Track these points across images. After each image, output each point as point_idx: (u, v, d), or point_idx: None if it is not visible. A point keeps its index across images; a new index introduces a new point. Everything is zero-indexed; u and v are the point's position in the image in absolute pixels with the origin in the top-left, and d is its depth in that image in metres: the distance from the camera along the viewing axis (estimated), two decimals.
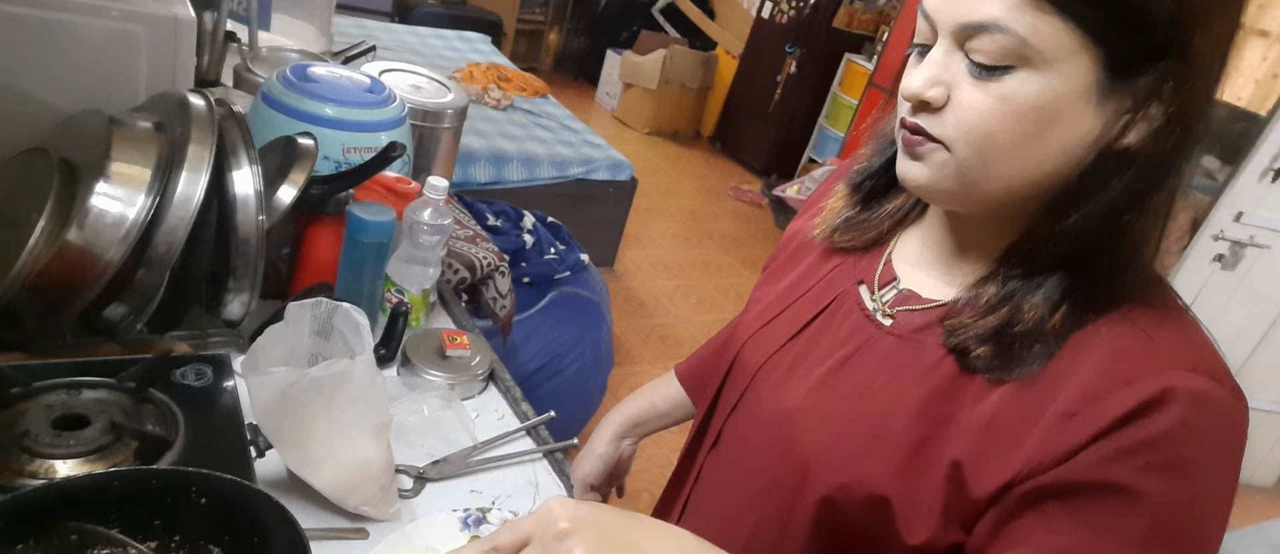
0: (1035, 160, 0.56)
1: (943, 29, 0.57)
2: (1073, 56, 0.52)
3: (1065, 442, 0.54)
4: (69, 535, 0.67)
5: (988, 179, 0.58)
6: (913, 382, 0.63)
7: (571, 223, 2.69)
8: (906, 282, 0.70)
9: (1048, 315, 0.58)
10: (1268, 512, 3.13)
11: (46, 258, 0.82)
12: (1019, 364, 0.58)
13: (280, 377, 0.77)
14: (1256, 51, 3.51)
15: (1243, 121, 3.49)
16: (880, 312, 0.69)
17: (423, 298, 1.18)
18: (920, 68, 0.58)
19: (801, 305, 0.76)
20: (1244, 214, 2.73)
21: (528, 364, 2.16)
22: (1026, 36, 0.52)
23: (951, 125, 0.57)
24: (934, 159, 0.59)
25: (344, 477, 0.83)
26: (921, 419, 0.61)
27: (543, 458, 1.05)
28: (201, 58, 1.44)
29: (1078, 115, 0.54)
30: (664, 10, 6.04)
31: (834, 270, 0.76)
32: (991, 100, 0.55)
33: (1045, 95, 0.53)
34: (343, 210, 1.10)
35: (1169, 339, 0.56)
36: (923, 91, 0.57)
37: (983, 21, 0.53)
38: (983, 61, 0.54)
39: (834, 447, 0.65)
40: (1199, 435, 0.53)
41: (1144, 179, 0.55)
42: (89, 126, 0.93)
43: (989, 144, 0.56)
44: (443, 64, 3.94)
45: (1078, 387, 0.55)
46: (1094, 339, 0.57)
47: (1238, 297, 2.87)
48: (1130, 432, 0.52)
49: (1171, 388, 0.52)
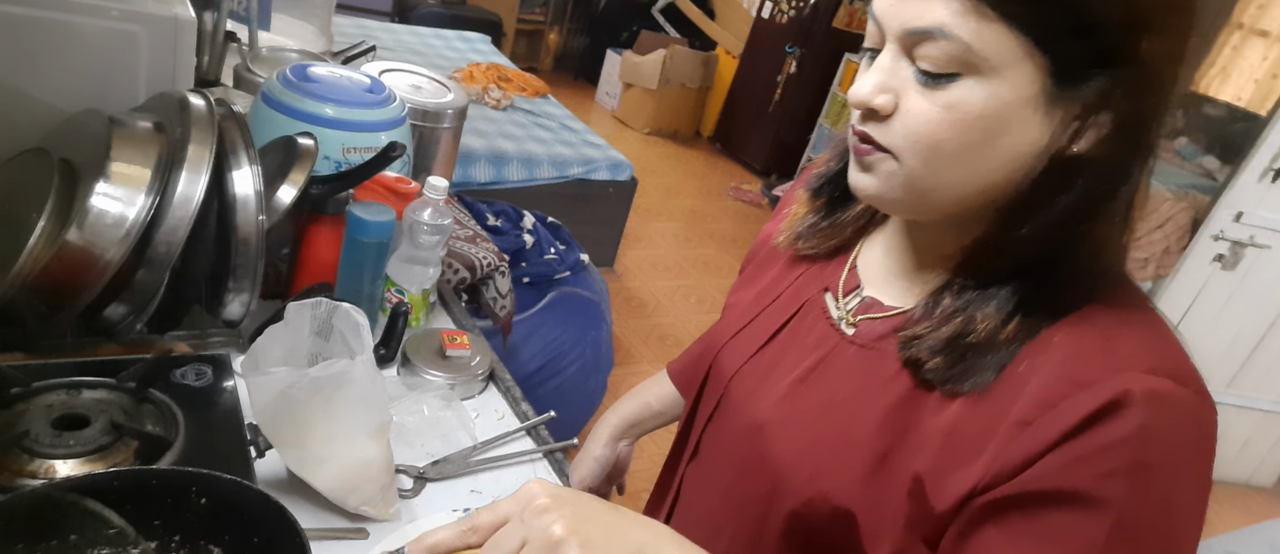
0: (983, 169, 0.56)
1: (889, 34, 0.56)
2: (1018, 64, 0.52)
3: (1023, 450, 0.53)
4: (69, 535, 0.67)
5: (936, 188, 0.57)
6: (876, 392, 0.62)
7: (571, 223, 2.69)
8: (870, 289, 0.69)
9: (1000, 326, 0.57)
10: (1268, 512, 3.13)
11: (46, 258, 0.82)
12: (970, 375, 0.57)
13: (280, 377, 0.77)
14: (1256, 51, 3.51)
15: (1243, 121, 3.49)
16: (844, 320, 0.68)
17: (423, 298, 1.18)
18: (868, 74, 0.58)
19: (771, 313, 0.75)
20: (1244, 214, 2.73)
21: (528, 364, 2.16)
22: (971, 43, 0.51)
23: (899, 134, 0.56)
24: (882, 169, 0.58)
25: (344, 477, 0.83)
26: (884, 430, 0.60)
27: (543, 458, 1.05)
28: (201, 58, 1.44)
29: (1025, 123, 0.54)
30: (664, 10, 6.04)
31: (800, 277, 0.75)
32: (938, 109, 0.54)
33: (991, 103, 0.53)
34: (343, 210, 1.10)
35: (1128, 340, 0.55)
36: (870, 99, 0.57)
37: (928, 27, 0.53)
38: (929, 69, 0.54)
39: (802, 459, 0.65)
40: (1160, 438, 0.51)
41: (1096, 187, 0.55)
42: (89, 126, 0.93)
43: (936, 153, 0.55)
44: (443, 64, 3.94)
45: (1034, 393, 0.54)
46: (1051, 343, 0.56)
47: (1238, 297, 2.87)
48: (1088, 438, 0.51)
49: (1129, 390, 0.51)
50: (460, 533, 0.57)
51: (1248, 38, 3.51)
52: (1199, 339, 3.07)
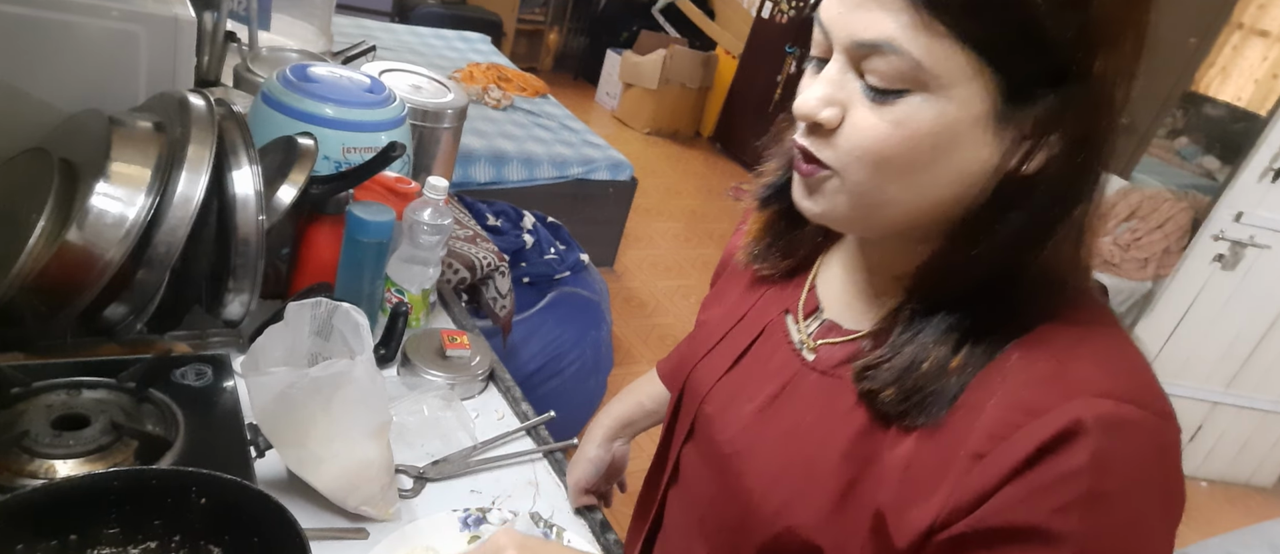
0: (932, 187, 0.54)
1: (837, 44, 0.54)
2: (969, 81, 0.50)
3: (979, 484, 0.52)
4: (69, 535, 0.67)
5: (883, 204, 0.56)
6: (837, 422, 0.61)
7: (571, 223, 2.68)
8: (829, 311, 0.68)
9: (950, 355, 0.55)
10: (1268, 512, 3.13)
11: (46, 258, 0.82)
12: (924, 408, 0.55)
13: (280, 377, 0.77)
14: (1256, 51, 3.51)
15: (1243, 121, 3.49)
16: (805, 345, 0.67)
17: (423, 298, 1.18)
18: (814, 86, 0.55)
19: (736, 335, 0.74)
20: (1244, 214, 2.73)
21: (528, 364, 2.16)
22: (921, 59, 0.49)
23: (843, 150, 0.54)
24: (827, 188, 0.57)
25: (344, 477, 0.83)
26: (848, 461, 0.59)
27: (543, 458, 1.05)
28: (201, 58, 1.44)
29: (975, 142, 0.52)
30: (664, 10, 6.04)
31: (763, 297, 0.74)
32: (886, 124, 0.52)
33: (941, 120, 0.51)
34: (343, 210, 1.10)
35: (1082, 362, 0.53)
36: (815, 112, 0.54)
37: (876, 41, 0.51)
38: (877, 84, 0.52)
39: (770, 492, 0.64)
40: (1116, 465, 0.50)
41: (1047, 207, 0.53)
42: (89, 126, 0.93)
43: (882, 169, 0.53)
44: (443, 64, 3.94)
45: (986, 424, 0.53)
46: (1004, 369, 0.54)
47: (1238, 296, 2.87)
48: (1042, 470, 0.50)
49: (1080, 419, 0.49)
50: None
51: (1248, 38, 3.51)
52: (1199, 339, 3.07)
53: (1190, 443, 3.14)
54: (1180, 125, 3.73)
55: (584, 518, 0.98)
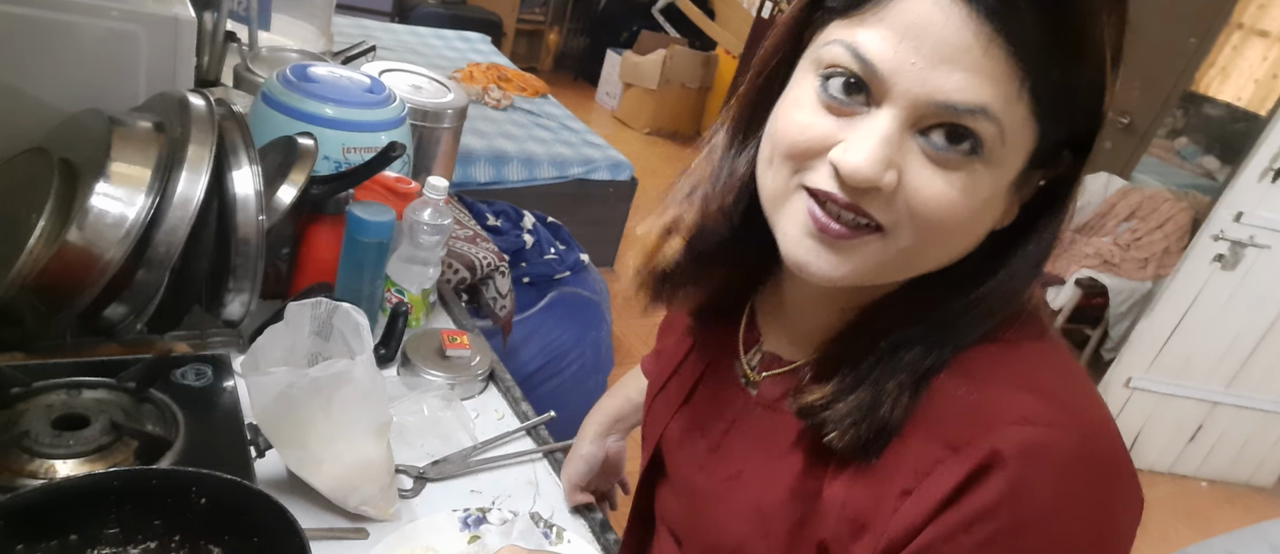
0: (960, 249, 0.51)
1: (903, 98, 0.46)
2: (1021, 149, 0.48)
3: (904, 521, 0.51)
4: (69, 535, 0.67)
5: (912, 266, 0.52)
6: (782, 457, 0.60)
7: (571, 223, 2.68)
8: (769, 342, 0.66)
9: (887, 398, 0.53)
10: (1268, 512, 3.13)
11: (46, 258, 0.82)
12: (858, 447, 0.54)
13: (280, 377, 0.77)
14: (1256, 51, 3.51)
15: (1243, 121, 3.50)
16: (748, 379, 0.66)
17: (423, 298, 1.18)
18: (871, 145, 0.47)
19: (685, 371, 0.73)
20: (1244, 214, 2.73)
21: (528, 364, 2.16)
22: (1007, 130, 0.46)
23: (902, 211, 0.48)
24: (864, 249, 0.50)
25: (344, 477, 0.83)
26: (795, 498, 0.58)
27: (543, 458, 1.05)
28: (201, 58, 1.44)
29: (997, 204, 0.50)
30: (664, 10, 6.04)
31: (705, 332, 0.72)
32: (955, 192, 0.47)
33: (996, 187, 0.48)
34: (343, 210, 1.10)
35: (1003, 386, 0.51)
36: (878, 179, 0.47)
37: (971, 105, 0.45)
38: (949, 151, 0.46)
39: (727, 530, 0.63)
40: (1035, 492, 0.48)
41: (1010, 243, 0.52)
42: (89, 126, 0.93)
43: (937, 235, 0.49)
44: (443, 64, 3.94)
45: (911, 459, 0.52)
46: (929, 402, 0.52)
47: (1238, 296, 2.87)
48: (963, 506, 0.49)
49: (997, 451, 0.48)
50: None
51: (1248, 38, 3.52)
52: (1199, 339, 3.07)
53: (1190, 443, 3.14)
54: (1180, 125, 3.74)
55: (583, 517, 0.98)
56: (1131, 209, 3.38)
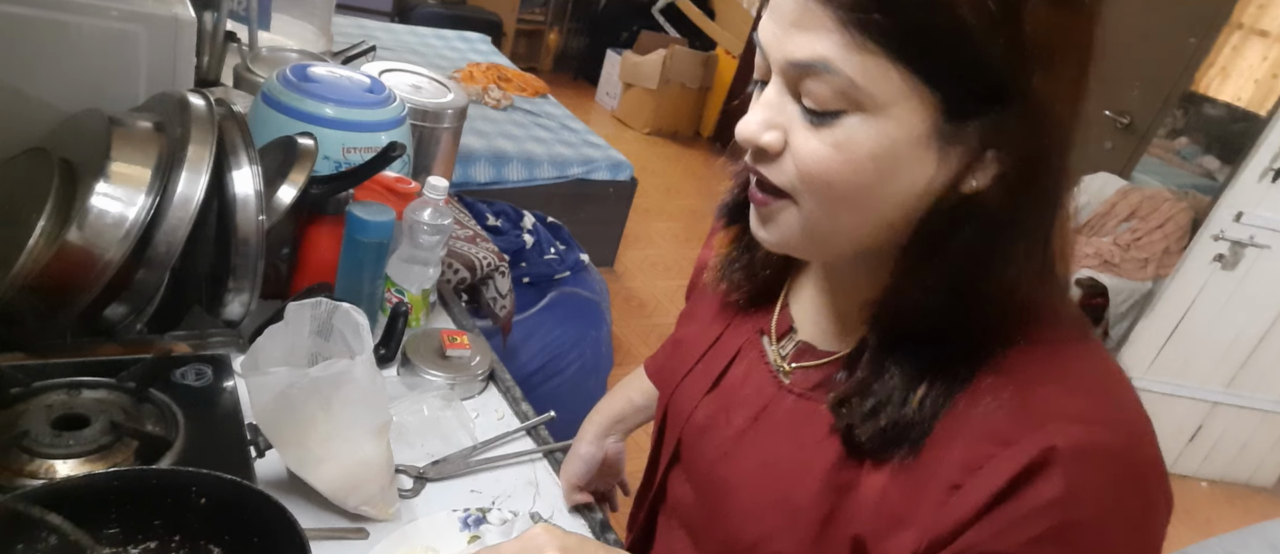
0: (880, 210, 0.53)
1: (774, 67, 0.53)
2: (905, 100, 0.49)
3: (954, 515, 0.52)
4: (69, 535, 0.67)
5: (834, 231, 0.55)
6: (815, 448, 0.60)
7: (571, 223, 2.68)
8: (803, 332, 0.67)
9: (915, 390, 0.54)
10: (1268, 512, 3.13)
11: (46, 258, 0.82)
12: (895, 445, 0.55)
13: (280, 377, 0.77)
14: (1256, 51, 3.51)
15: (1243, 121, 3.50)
16: (781, 368, 0.66)
17: (423, 298, 1.18)
18: (754, 109, 0.54)
19: (712, 356, 0.73)
20: (1244, 214, 2.73)
21: (528, 364, 2.16)
22: (855, 78, 0.49)
23: (792, 174, 0.53)
24: (782, 218, 0.56)
25: (344, 477, 0.83)
26: (827, 491, 0.59)
27: (543, 458, 1.05)
28: (201, 58, 1.44)
29: (919, 162, 0.51)
30: (664, 10, 6.04)
31: (737, 317, 0.73)
32: (827, 147, 0.51)
33: (882, 142, 0.50)
34: (343, 210, 1.10)
35: (1051, 386, 0.52)
36: (757, 137, 0.54)
37: (810, 60, 0.50)
38: (814, 106, 0.51)
39: (750, 520, 0.63)
40: (1089, 493, 0.49)
41: (995, 227, 0.52)
42: (89, 126, 0.93)
43: (829, 193, 0.52)
44: (443, 64, 3.94)
45: (960, 455, 0.52)
46: (975, 397, 0.53)
47: (1238, 297, 2.87)
48: (1016, 502, 0.50)
49: (1052, 447, 0.49)
50: None
51: (1248, 38, 3.51)
52: (1199, 339, 3.07)
53: (1190, 443, 3.14)
54: (1180, 125, 3.73)
55: (583, 517, 0.98)
56: (1131, 209, 3.38)
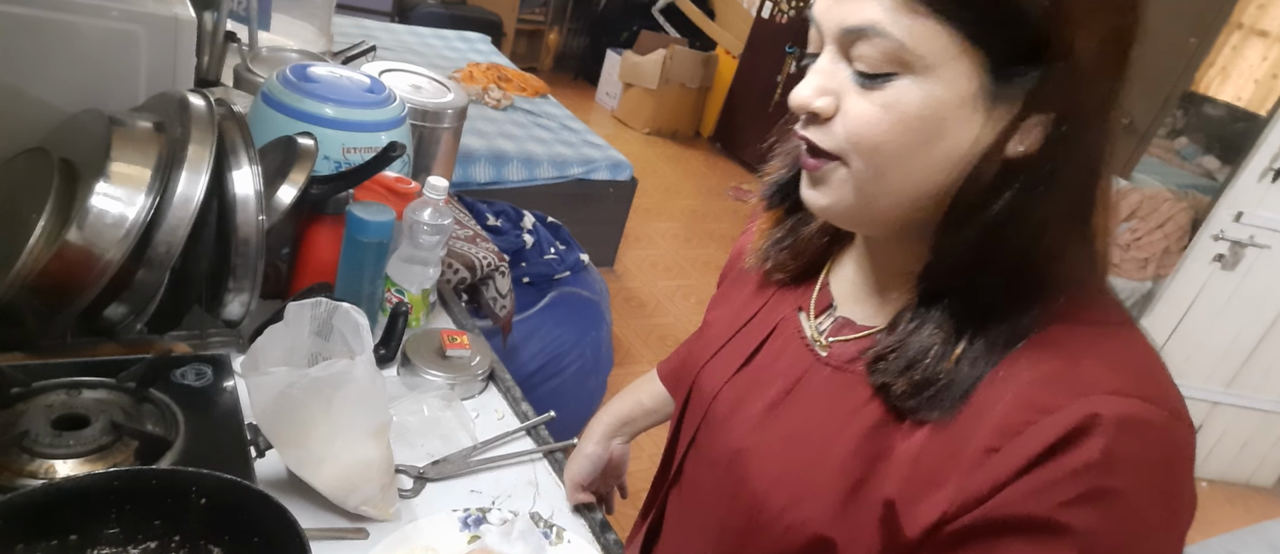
0: (926, 170, 0.54)
1: (827, 35, 0.55)
2: (954, 61, 0.51)
3: (989, 478, 0.52)
4: (69, 535, 0.67)
5: (882, 192, 0.56)
6: (848, 417, 0.61)
7: (571, 223, 2.68)
8: (842, 308, 0.68)
9: (953, 346, 0.56)
10: (1268, 512, 3.13)
11: (46, 258, 0.82)
12: (934, 403, 0.56)
13: (280, 377, 0.77)
14: (1256, 51, 3.51)
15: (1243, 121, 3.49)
16: (818, 342, 0.67)
17: (423, 298, 1.18)
18: (807, 77, 0.57)
19: (747, 334, 0.74)
20: (1244, 214, 2.73)
21: (528, 364, 2.16)
22: (905, 40, 0.51)
23: (841, 136, 0.56)
24: (833, 179, 0.58)
25: (344, 477, 0.83)
26: (858, 457, 0.59)
27: (543, 458, 1.05)
28: (201, 58, 1.44)
29: (965, 122, 0.53)
30: (664, 10, 6.04)
31: (773, 297, 0.74)
32: (877, 109, 0.53)
33: (929, 102, 0.52)
34: (343, 210, 1.10)
35: (1095, 360, 0.53)
36: (810, 101, 0.56)
37: (861, 25, 0.52)
38: (865, 69, 0.53)
39: (776, 488, 0.64)
40: (1127, 463, 0.50)
41: (1037, 189, 0.53)
42: (89, 126, 0.93)
43: (878, 154, 0.54)
44: (443, 64, 3.94)
45: (998, 419, 0.53)
46: (1016, 367, 0.54)
47: (1238, 297, 2.87)
48: (1054, 465, 0.50)
49: (1096, 414, 0.50)
50: None
51: (1248, 38, 3.51)
52: (1199, 339, 3.06)
53: None
54: (1180, 125, 3.73)
55: (583, 517, 0.98)
56: (1131, 209, 3.38)
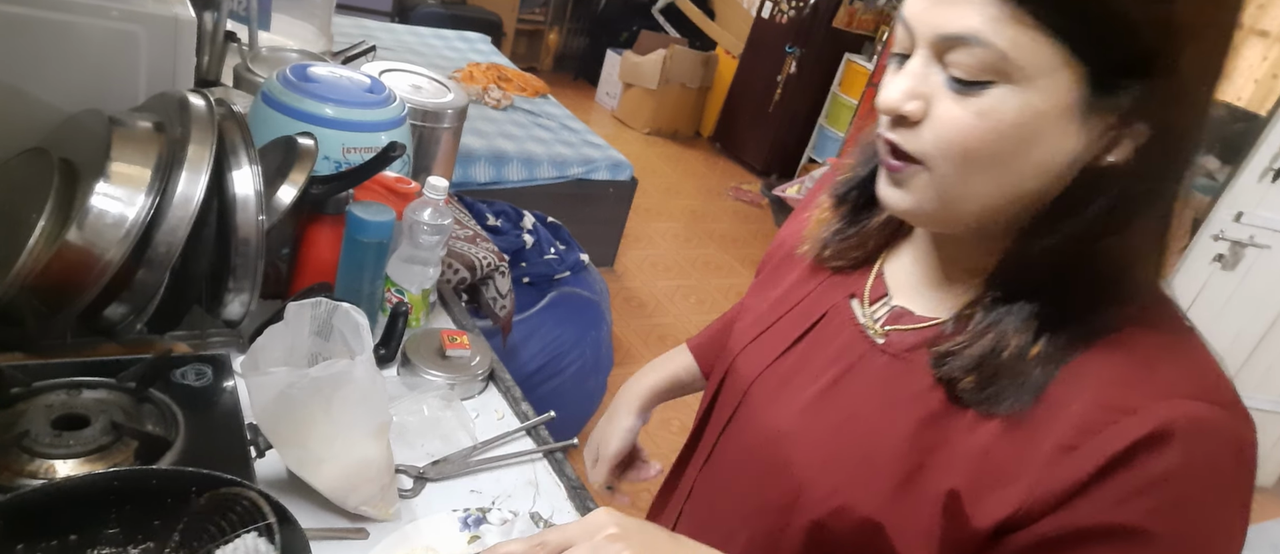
0: (1015, 178, 0.54)
1: (921, 39, 0.54)
2: (1054, 72, 0.50)
3: (1067, 477, 0.53)
4: (69, 535, 0.67)
5: (966, 197, 0.56)
6: (905, 405, 0.61)
7: (571, 223, 2.68)
8: (899, 298, 0.68)
9: (1030, 345, 0.56)
10: (1268, 512, 3.13)
11: (46, 258, 0.82)
12: (1006, 397, 0.56)
13: (280, 377, 0.77)
14: (1256, 51, 3.51)
15: (1243, 121, 3.49)
16: (872, 330, 0.67)
17: (423, 298, 1.18)
18: (897, 79, 0.56)
19: (792, 319, 0.74)
20: (1244, 214, 2.73)
21: (528, 364, 2.16)
22: (1007, 50, 0.50)
23: (929, 140, 0.55)
24: (914, 182, 0.57)
25: (344, 477, 0.83)
26: (914, 446, 0.60)
27: (543, 458, 1.05)
28: (201, 58, 1.44)
29: (1060, 133, 0.52)
30: (664, 10, 6.04)
31: (822, 284, 0.74)
32: (970, 115, 0.53)
33: (1025, 112, 0.51)
34: (343, 210, 1.10)
35: (1171, 364, 0.54)
36: (900, 105, 0.55)
37: (961, 33, 0.51)
38: (961, 75, 0.52)
39: (825, 471, 0.64)
40: (1205, 469, 0.52)
41: (1129, 198, 0.53)
42: (89, 126, 0.93)
43: (967, 160, 0.54)
44: (443, 64, 3.94)
45: (1076, 417, 0.53)
46: (1090, 366, 0.55)
47: (1238, 297, 2.87)
48: (1136, 470, 0.51)
49: (1173, 419, 0.51)
50: (529, 548, 0.58)
51: (1248, 38, 3.51)
52: None
53: None
54: None
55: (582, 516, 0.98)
56: None
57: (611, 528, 0.56)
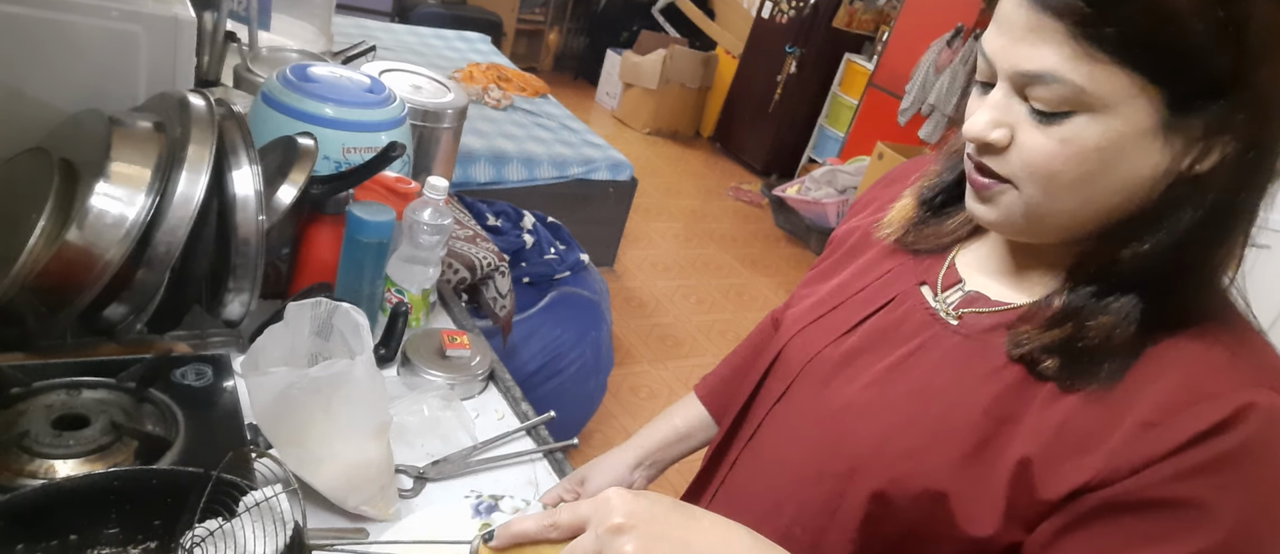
0: (1102, 195, 0.57)
1: (1001, 73, 0.57)
2: (1133, 99, 0.53)
3: (1144, 451, 0.54)
4: (69, 535, 0.67)
5: (1054, 213, 0.59)
6: (977, 381, 0.64)
7: (571, 223, 2.68)
8: (972, 284, 0.70)
9: (1114, 332, 0.58)
10: None
11: (46, 258, 0.82)
12: (1088, 377, 0.59)
13: (280, 377, 0.77)
14: None
15: None
16: (946, 313, 0.69)
17: (423, 298, 1.18)
18: (981, 110, 0.59)
19: (856, 302, 0.76)
20: None
21: (528, 364, 2.16)
22: (1084, 85, 0.52)
23: (1016, 164, 0.58)
24: (1003, 200, 0.60)
25: (344, 477, 0.83)
26: (986, 418, 0.62)
27: (543, 458, 1.05)
28: (201, 58, 1.44)
29: (1143, 151, 0.55)
30: (664, 10, 6.04)
31: (892, 270, 0.76)
32: (1054, 143, 0.55)
33: (1107, 136, 0.54)
34: (343, 210, 1.10)
35: (1250, 358, 0.57)
36: (985, 134, 0.58)
37: (1038, 72, 0.54)
38: (1042, 108, 0.55)
39: (889, 441, 0.66)
40: (1277, 452, 0.54)
41: (1218, 211, 0.56)
42: (89, 126, 0.93)
43: (1053, 182, 0.57)
44: (443, 64, 3.94)
45: (1160, 397, 0.56)
46: (1175, 352, 0.57)
47: None
48: (1209, 447, 0.53)
49: (1253, 404, 0.53)
50: (541, 527, 0.59)
51: None
52: None
53: None
54: None
55: None
56: None
57: (618, 517, 0.55)
